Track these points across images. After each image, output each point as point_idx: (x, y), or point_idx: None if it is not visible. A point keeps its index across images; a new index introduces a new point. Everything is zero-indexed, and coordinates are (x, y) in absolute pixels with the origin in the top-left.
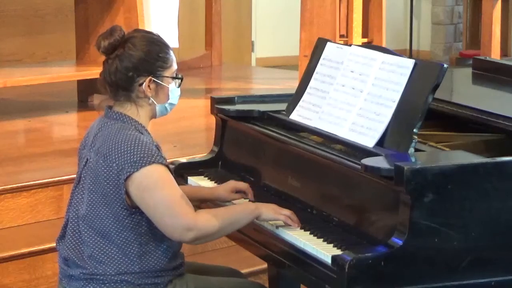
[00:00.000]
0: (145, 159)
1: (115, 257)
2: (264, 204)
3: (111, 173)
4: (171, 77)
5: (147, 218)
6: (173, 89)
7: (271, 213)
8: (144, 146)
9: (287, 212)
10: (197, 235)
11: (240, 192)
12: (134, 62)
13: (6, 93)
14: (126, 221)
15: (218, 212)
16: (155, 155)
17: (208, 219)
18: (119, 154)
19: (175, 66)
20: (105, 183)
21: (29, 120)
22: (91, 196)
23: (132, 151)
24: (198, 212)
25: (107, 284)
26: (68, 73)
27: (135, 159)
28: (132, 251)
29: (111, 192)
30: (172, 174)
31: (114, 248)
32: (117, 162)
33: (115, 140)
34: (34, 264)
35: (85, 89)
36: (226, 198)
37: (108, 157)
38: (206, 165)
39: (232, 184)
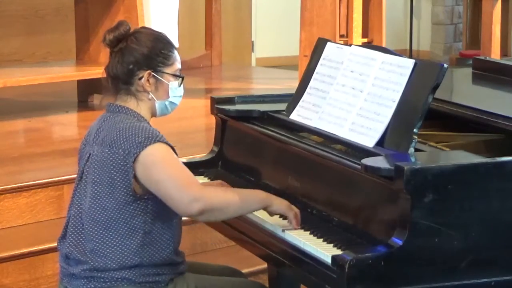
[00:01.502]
0: (150, 138)
1: (117, 248)
2: (277, 197)
3: (117, 159)
4: (171, 74)
5: (151, 207)
6: (174, 88)
7: (283, 207)
8: (148, 129)
9: (297, 210)
10: (204, 207)
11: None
12: (136, 56)
13: (6, 93)
14: (131, 208)
15: (227, 190)
16: (159, 135)
17: (215, 191)
18: (124, 140)
19: (178, 66)
20: (112, 171)
21: (29, 120)
22: (95, 187)
23: (136, 134)
24: (206, 187)
25: (108, 283)
26: (68, 73)
27: (140, 140)
28: (134, 240)
29: (118, 179)
30: (176, 154)
31: (118, 238)
32: (123, 147)
33: (119, 129)
34: (34, 264)
35: (85, 89)
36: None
37: (113, 145)
38: (206, 165)
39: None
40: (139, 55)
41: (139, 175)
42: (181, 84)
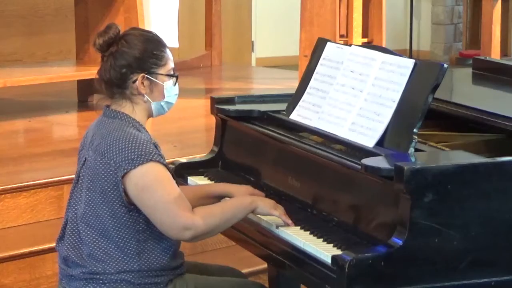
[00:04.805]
0: (142, 157)
1: (114, 255)
2: (261, 198)
3: (109, 170)
4: (165, 75)
5: (143, 217)
6: (169, 88)
7: (268, 207)
8: (142, 144)
9: (282, 208)
10: (195, 234)
11: None
12: (127, 59)
13: (6, 93)
14: (124, 218)
15: (214, 209)
16: (153, 153)
17: (205, 218)
18: (117, 152)
19: (171, 65)
20: (103, 181)
21: (29, 120)
22: (90, 194)
23: (129, 148)
24: (195, 210)
25: (107, 284)
26: (68, 73)
27: (132, 157)
28: (130, 248)
29: (109, 189)
30: (170, 172)
31: (113, 246)
32: (114, 159)
33: (113, 138)
34: (34, 264)
35: (85, 89)
36: None
37: (106, 155)
38: (206, 165)
39: (250, 189)
40: (131, 59)
41: (130, 193)
42: (175, 83)
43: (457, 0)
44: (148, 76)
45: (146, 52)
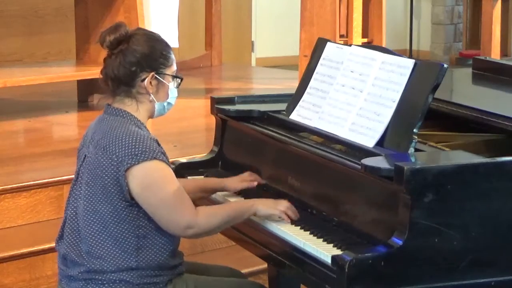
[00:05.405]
0: (146, 153)
1: (113, 251)
2: (261, 200)
3: (110, 165)
4: (172, 76)
5: (143, 212)
6: (172, 89)
7: (267, 209)
8: (145, 141)
9: (284, 204)
10: (197, 232)
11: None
12: (138, 57)
13: (6, 93)
14: (124, 213)
15: (217, 210)
16: (156, 151)
17: (207, 217)
18: (120, 147)
19: (175, 67)
20: (104, 175)
21: (29, 120)
22: (89, 190)
23: (133, 144)
24: (198, 209)
25: (106, 285)
26: (68, 73)
27: (136, 152)
28: (129, 244)
29: (110, 183)
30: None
31: (112, 241)
32: (117, 154)
33: (115, 133)
34: (34, 264)
35: (85, 89)
36: (235, 187)
37: (108, 149)
38: (206, 165)
39: (244, 177)
40: (141, 57)
41: (132, 190)
42: (179, 85)
43: (457, 0)
44: (157, 76)
45: (156, 51)
